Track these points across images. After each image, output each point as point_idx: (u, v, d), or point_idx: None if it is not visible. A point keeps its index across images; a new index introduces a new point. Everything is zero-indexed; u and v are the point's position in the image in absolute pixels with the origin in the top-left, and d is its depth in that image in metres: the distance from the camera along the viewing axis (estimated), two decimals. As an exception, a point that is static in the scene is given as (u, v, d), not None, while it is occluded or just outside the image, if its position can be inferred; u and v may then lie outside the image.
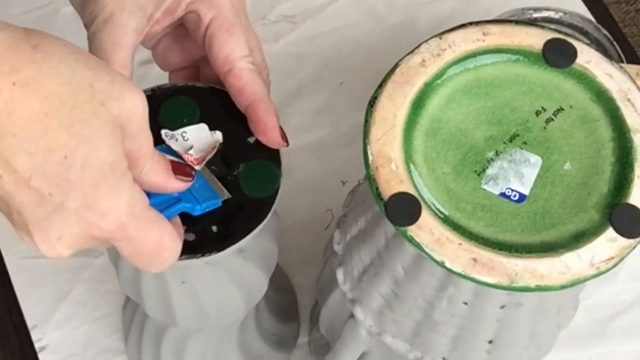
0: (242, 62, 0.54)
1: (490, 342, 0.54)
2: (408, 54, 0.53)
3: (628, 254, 0.49)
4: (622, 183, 0.50)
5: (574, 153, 0.51)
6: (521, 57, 0.53)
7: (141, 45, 0.56)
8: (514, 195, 0.50)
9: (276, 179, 0.54)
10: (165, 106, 0.55)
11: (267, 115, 0.54)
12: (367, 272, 0.55)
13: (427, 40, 0.53)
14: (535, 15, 0.81)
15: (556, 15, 0.81)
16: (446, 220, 0.49)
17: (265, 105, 0.54)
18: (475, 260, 0.48)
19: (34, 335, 0.74)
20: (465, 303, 0.52)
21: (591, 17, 0.85)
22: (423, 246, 0.48)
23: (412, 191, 0.49)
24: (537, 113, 0.52)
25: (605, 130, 0.52)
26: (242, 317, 0.64)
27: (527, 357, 0.57)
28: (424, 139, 0.51)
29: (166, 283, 0.56)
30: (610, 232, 0.49)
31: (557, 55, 0.53)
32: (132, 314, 0.70)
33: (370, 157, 0.50)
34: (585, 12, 0.87)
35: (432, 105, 0.52)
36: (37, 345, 0.73)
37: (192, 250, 0.51)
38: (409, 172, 0.50)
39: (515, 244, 0.49)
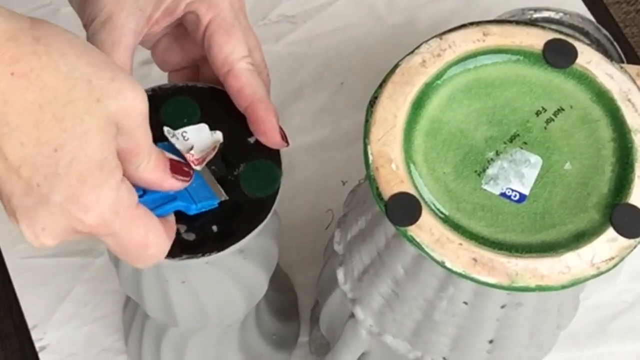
0: (241, 63, 0.54)
1: (491, 342, 0.54)
2: (408, 54, 0.53)
3: (628, 254, 0.49)
4: (622, 183, 0.50)
5: (575, 153, 0.51)
6: (521, 58, 0.53)
7: (140, 45, 0.56)
8: (514, 195, 0.50)
9: (276, 179, 0.54)
10: (166, 106, 0.55)
11: (267, 115, 0.54)
12: (368, 272, 0.55)
13: (428, 40, 0.53)
14: (536, 15, 0.81)
15: (556, 16, 0.81)
16: (446, 220, 0.49)
17: (265, 106, 0.54)
18: (475, 260, 0.48)
19: (34, 335, 0.74)
20: (466, 303, 0.52)
21: (591, 18, 0.85)
22: (423, 246, 0.48)
23: (412, 191, 0.49)
24: (538, 113, 0.52)
25: (605, 131, 0.52)
26: (243, 317, 0.64)
27: (527, 357, 0.57)
28: (424, 139, 0.51)
29: (166, 283, 0.56)
30: (610, 232, 0.49)
31: (558, 55, 0.53)
32: (132, 314, 0.70)
33: (371, 157, 0.50)
34: (585, 12, 0.87)
35: (433, 106, 0.52)
36: (37, 345, 0.73)
37: (192, 250, 0.52)
38: (409, 172, 0.50)
39: (516, 244, 0.49)
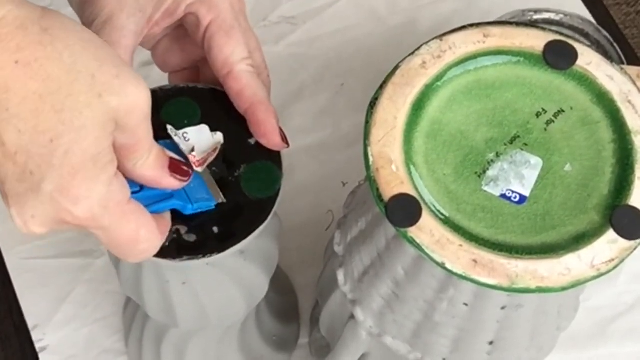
0: (241, 65, 0.54)
1: (491, 343, 0.54)
2: (409, 55, 0.53)
3: (628, 255, 0.49)
4: (622, 185, 0.50)
5: (575, 155, 0.51)
6: (522, 59, 0.53)
7: (141, 46, 0.56)
8: (515, 197, 0.50)
9: (277, 180, 0.54)
10: (167, 107, 0.55)
11: (267, 117, 0.54)
12: (368, 273, 0.55)
13: (428, 42, 0.53)
14: (536, 17, 0.81)
15: (557, 17, 0.81)
16: (447, 222, 0.49)
17: (264, 108, 0.54)
18: (475, 261, 0.48)
19: (34, 335, 0.74)
20: (466, 304, 0.52)
21: (592, 19, 0.85)
22: (424, 247, 0.48)
23: (412, 192, 0.49)
24: (538, 115, 0.52)
25: (605, 132, 0.52)
26: (243, 318, 0.64)
27: (527, 358, 0.57)
28: (424, 140, 0.51)
29: (167, 284, 0.56)
30: (610, 234, 0.49)
31: (558, 57, 0.53)
32: (133, 315, 0.70)
33: (371, 159, 0.50)
34: (585, 13, 0.87)
35: (433, 107, 0.52)
36: (37, 346, 0.73)
37: (193, 251, 0.52)
38: (410, 173, 0.50)
39: (516, 246, 0.49)
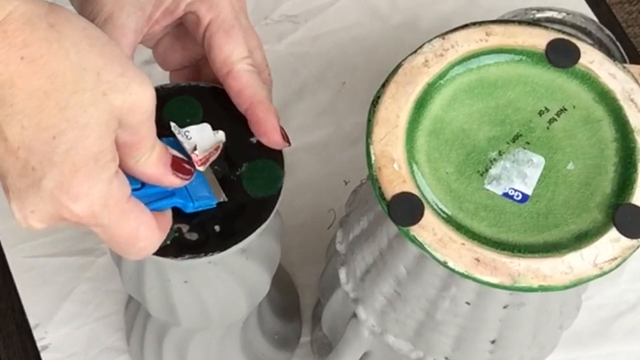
0: (241, 64, 0.54)
1: (493, 342, 0.54)
2: (411, 54, 0.53)
3: (631, 254, 0.48)
4: (625, 183, 0.50)
5: (577, 153, 0.51)
6: (524, 58, 0.53)
7: (142, 44, 0.56)
8: (517, 196, 0.50)
9: (279, 179, 0.54)
10: (169, 106, 0.55)
11: (267, 116, 0.54)
12: (370, 272, 0.55)
13: (430, 40, 0.53)
14: (539, 15, 0.81)
15: (559, 16, 0.81)
16: (449, 220, 0.49)
17: (265, 107, 0.54)
18: (478, 260, 0.48)
19: (36, 334, 0.74)
20: (468, 303, 0.52)
21: (594, 18, 0.85)
22: (426, 246, 0.48)
23: (414, 191, 0.49)
24: (540, 113, 0.52)
25: (608, 131, 0.52)
26: (245, 317, 0.64)
27: (529, 357, 0.57)
28: (426, 139, 0.51)
29: (169, 282, 0.56)
30: (613, 233, 0.49)
31: (560, 55, 0.53)
32: (134, 313, 0.70)
33: (373, 157, 0.50)
34: (588, 12, 0.86)
35: (435, 106, 0.52)
36: (39, 344, 0.73)
37: (195, 250, 0.52)
38: (412, 172, 0.50)
39: (518, 244, 0.49)
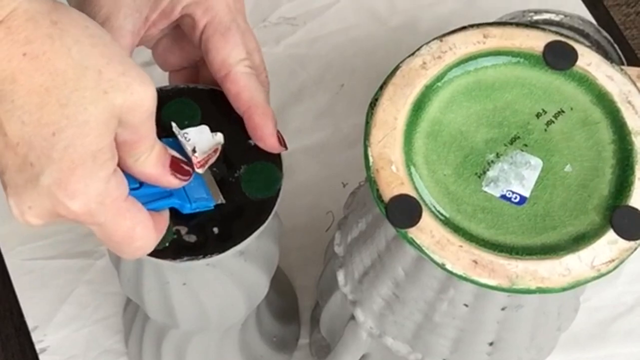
0: (239, 67, 0.54)
1: (491, 344, 0.54)
2: (409, 56, 0.53)
3: (629, 256, 0.49)
4: (622, 185, 0.50)
5: (575, 155, 0.51)
6: (522, 60, 0.53)
7: (140, 45, 0.56)
8: (515, 198, 0.50)
9: (277, 181, 0.54)
10: (167, 108, 0.55)
11: (264, 121, 0.54)
12: (368, 274, 0.55)
13: (428, 42, 0.53)
14: (536, 17, 0.81)
15: (557, 18, 0.81)
16: (447, 222, 0.49)
17: (262, 111, 0.54)
18: (475, 262, 0.48)
19: (34, 336, 0.74)
20: (466, 305, 0.52)
21: (592, 20, 0.85)
22: (424, 248, 0.48)
23: (412, 193, 0.49)
24: (538, 115, 0.52)
25: (605, 133, 0.52)
26: (243, 319, 0.64)
27: (527, 359, 0.57)
28: (424, 141, 0.51)
29: (167, 285, 0.56)
30: (610, 235, 0.49)
31: (558, 57, 0.53)
32: (133, 316, 0.70)
33: (371, 159, 0.50)
34: (586, 14, 0.87)
35: (433, 108, 0.52)
36: (38, 347, 0.73)
37: (193, 252, 0.52)
38: (410, 174, 0.50)
39: (516, 246, 0.49)
